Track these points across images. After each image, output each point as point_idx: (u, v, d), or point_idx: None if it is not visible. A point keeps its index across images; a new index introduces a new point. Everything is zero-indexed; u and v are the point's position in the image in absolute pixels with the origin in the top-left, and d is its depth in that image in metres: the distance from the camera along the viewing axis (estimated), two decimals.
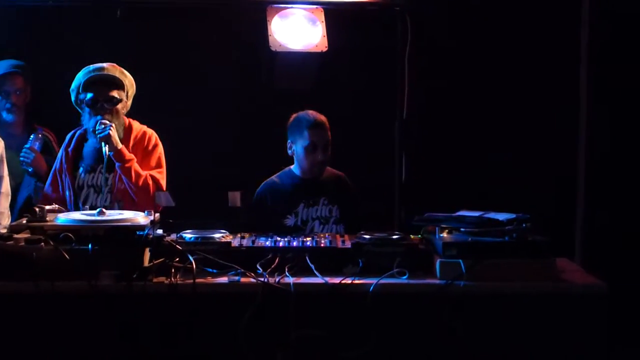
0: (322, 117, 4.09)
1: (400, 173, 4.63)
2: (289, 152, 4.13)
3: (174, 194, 3.34)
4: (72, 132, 4.22)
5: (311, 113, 4.09)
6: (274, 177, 4.19)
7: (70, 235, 3.09)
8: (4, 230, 3.23)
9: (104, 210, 3.29)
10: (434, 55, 4.93)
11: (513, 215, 3.29)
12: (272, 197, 4.10)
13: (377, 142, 4.91)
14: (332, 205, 4.10)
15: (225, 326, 3.04)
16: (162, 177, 4.09)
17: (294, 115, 4.13)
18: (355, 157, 4.69)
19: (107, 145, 3.93)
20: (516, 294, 3.11)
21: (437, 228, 3.32)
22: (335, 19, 4.61)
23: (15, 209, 4.36)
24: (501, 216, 3.32)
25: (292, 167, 4.17)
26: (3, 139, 4.09)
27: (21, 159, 4.42)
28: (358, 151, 4.85)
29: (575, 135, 4.85)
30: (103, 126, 3.95)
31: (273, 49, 4.50)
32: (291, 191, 4.08)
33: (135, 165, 4.01)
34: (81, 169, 4.12)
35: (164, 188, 4.01)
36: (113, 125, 3.98)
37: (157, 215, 3.32)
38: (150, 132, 4.18)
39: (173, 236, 3.33)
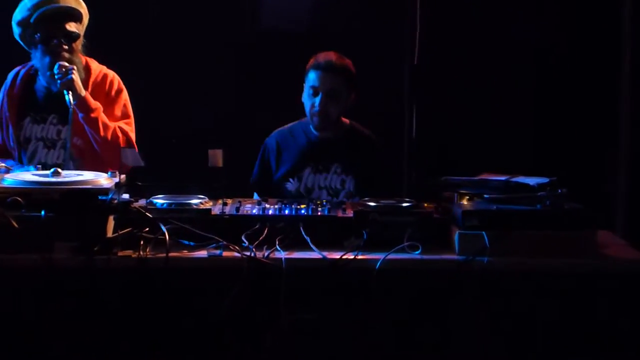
0: (339, 61, 4.04)
1: (410, 128, 4.61)
2: (301, 99, 4.11)
3: (143, 152, 3.32)
4: (15, 70, 4.14)
5: (327, 54, 4.06)
6: (286, 127, 4.17)
7: (19, 199, 3.06)
8: None
9: (59, 170, 3.25)
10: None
11: (546, 180, 3.29)
12: (277, 152, 4.07)
13: (382, 91, 4.89)
14: (347, 174, 4.05)
15: (204, 308, 3.04)
16: (131, 129, 4.06)
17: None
18: (356, 108, 4.66)
19: (70, 93, 3.87)
20: (550, 272, 3.10)
21: (455, 194, 3.31)
22: None
23: None
24: (531, 180, 3.30)
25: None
26: None
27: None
28: (359, 102, 4.83)
29: (617, 92, 4.85)
30: (64, 69, 3.90)
31: None
32: (300, 149, 4.05)
33: (102, 116, 3.97)
34: (28, 117, 4.07)
35: (135, 143, 3.99)
36: (75, 68, 3.93)
37: (123, 176, 3.29)
38: (111, 74, 4.13)
39: (142, 202, 3.31)
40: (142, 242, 3.09)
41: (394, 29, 4.75)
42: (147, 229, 3.13)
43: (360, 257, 3.08)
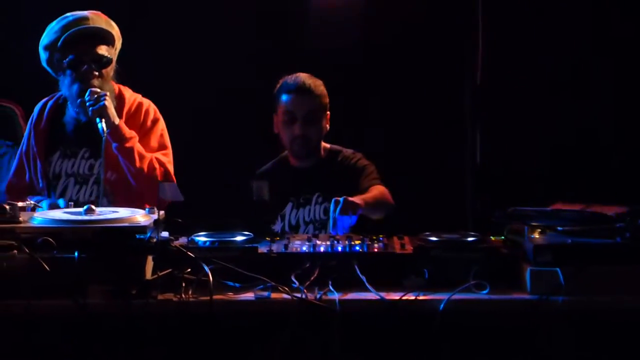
0: (310, 81, 4.08)
1: (473, 154, 4.56)
2: (275, 129, 4.11)
3: (182, 185, 3.30)
4: (41, 102, 4.14)
5: (297, 76, 4.10)
6: (267, 166, 4.20)
7: (51, 240, 3.03)
8: None
9: (92, 207, 3.22)
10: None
11: (625, 209, 3.22)
12: (256, 198, 4.03)
13: (439, 114, 4.85)
14: (329, 202, 4.00)
15: (252, 356, 3.02)
16: (169, 160, 4.03)
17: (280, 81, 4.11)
18: (411, 133, 4.62)
19: (102, 121, 3.84)
20: (634, 312, 3.02)
21: (525, 227, 3.24)
22: None
23: None
24: (608, 210, 3.25)
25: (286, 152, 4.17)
26: None
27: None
28: (414, 126, 4.79)
29: None
30: (96, 95, 3.87)
31: None
32: (279, 186, 4.01)
33: (138, 145, 3.93)
34: (57, 152, 4.04)
35: (173, 175, 3.95)
36: (108, 94, 3.91)
37: (162, 213, 3.25)
38: (147, 102, 4.11)
39: (183, 240, 3.29)
40: (183, 284, 3.06)
41: (454, 48, 4.69)
42: (189, 269, 3.10)
43: (421, 297, 3.04)
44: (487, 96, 4.58)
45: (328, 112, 4.13)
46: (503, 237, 3.34)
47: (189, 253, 3.12)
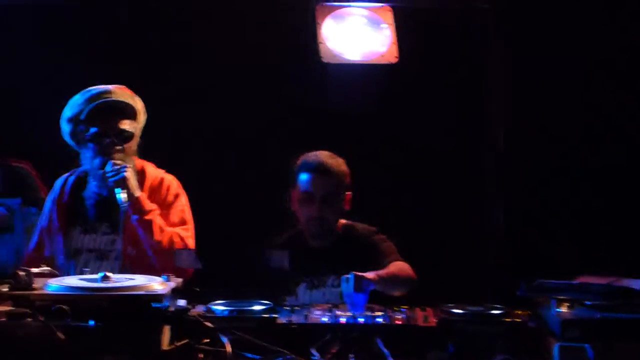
0: (332, 161, 4.03)
1: (496, 222, 4.52)
2: (292, 206, 4.08)
3: (200, 254, 3.28)
4: (63, 178, 4.11)
5: (317, 154, 4.05)
6: (282, 238, 4.11)
7: (65, 307, 2.99)
8: None
9: (108, 274, 3.19)
10: (537, 65, 4.82)
11: None
12: (274, 268, 3.94)
13: (459, 179, 4.82)
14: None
15: None
16: (189, 235, 3.98)
17: (300, 157, 4.07)
18: (429, 199, 4.60)
19: (123, 192, 3.83)
20: None
21: (552, 300, 3.19)
22: (405, 21, 4.55)
23: None
24: (638, 284, 3.23)
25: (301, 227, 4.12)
26: None
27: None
28: (434, 192, 4.76)
29: None
30: (117, 167, 3.86)
31: (325, 60, 4.45)
32: (293, 262, 3.95)
33: (158, 218, 3.90)
34: (78, 227, 4.02)
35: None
36: (129, 166, 3.89)
37: (180, 281, 3.22)
38: (169, 178, 4.09)
39: (200, 309, 3.26)
40: (201, 355, 3.03)
41: (473, 110, 4.68)
42: (207, 340, 3.06)
43: None
44: (509, 162, 4.56)
45: (348, 193, 4.07)
46: (528, 311, 3.29)
47: (207, 323, 3.09)
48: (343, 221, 4.10)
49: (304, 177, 4.00)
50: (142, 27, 5.00)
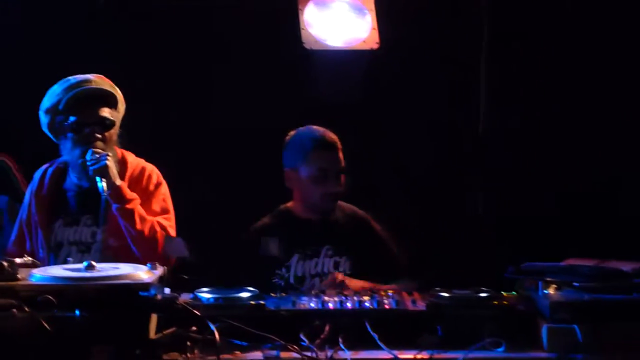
0: (333, 135, 4.07)
1: (475, 206, 4.56)
2: (288, 183, 4.08)
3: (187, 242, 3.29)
4: (41, 169, 4.08)
5: (316, 129, 4.08)
6: (265, 219, 4.14)
7: (51, 298, 2.99)
8: None
9: (93, 263, 3.19)
10: (523, 51, 4.85)
11: None
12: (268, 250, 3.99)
13: (443, 166, 4.85)
14: (340, 256, 4.01)
15: None
16: (170, 224, 3.98)
17: (291, 134, 4.11)
18: (414, 185, 4.62)
19: (103, 181, 3.81)
20: None
21: (539, 282, 3.22)
22: (387, 7, 4.57)
23: None
24: (625, 265, 3.23)
25: (289, 205, 4.15)
26: None
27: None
28: (417, 178, 4.79)
29: None
30: (97, 155, 3.84)
31: (307, 46, 4.47)
32: (283, 239, 3.98)
33: (139, 208, 3.89)
34: (59, 220, 4.00)
35: None
36: (110, 154, 3.87)
37: (166, 269, 3.23)
38: (150, 167, 4.08)
39: (187, 297, 3.25)
40: (189, 343, 3.03)
41: (455, 97, 4.72)
42: (195, 327, 3.06)
43: (436, 356, 3.01)
44: (489, 147, 4.60)
45: None
46: (515, 293, 3.33)
47: (194, 311, 3.09)
48: None
49: (315, 154, 4.02)
50: (123, 18, 4.98)
